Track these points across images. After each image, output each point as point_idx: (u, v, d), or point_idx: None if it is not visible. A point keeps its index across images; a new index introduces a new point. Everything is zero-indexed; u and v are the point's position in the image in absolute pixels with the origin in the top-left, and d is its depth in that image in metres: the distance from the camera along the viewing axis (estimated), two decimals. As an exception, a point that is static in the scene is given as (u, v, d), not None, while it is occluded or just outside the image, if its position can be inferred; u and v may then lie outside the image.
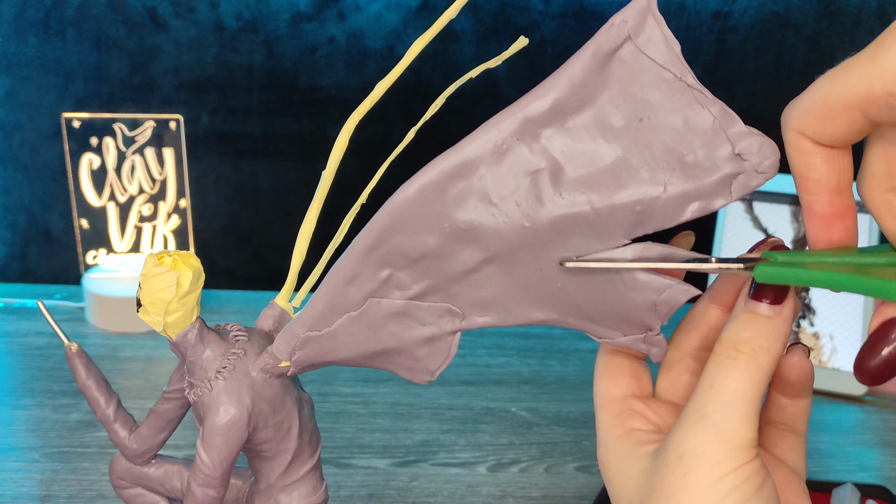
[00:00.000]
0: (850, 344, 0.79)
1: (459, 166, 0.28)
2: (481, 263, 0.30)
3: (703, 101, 0.26)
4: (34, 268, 0.98)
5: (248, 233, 0.99)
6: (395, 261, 0.30)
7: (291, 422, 0.36)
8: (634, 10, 0.26)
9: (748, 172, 0.27)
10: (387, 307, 0.31)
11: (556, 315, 0.30)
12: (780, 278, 0.27)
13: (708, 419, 0.26)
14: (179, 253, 0.34)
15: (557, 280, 0.29)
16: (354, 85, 0.92)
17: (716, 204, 0.27)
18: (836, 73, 0.25)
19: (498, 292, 0.30)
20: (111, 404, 0.40)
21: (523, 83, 0.94)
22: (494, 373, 0.80)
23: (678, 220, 0.27)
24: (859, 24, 0.92)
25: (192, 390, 0.35)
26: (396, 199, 0.29)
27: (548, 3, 0.89)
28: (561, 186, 0.28)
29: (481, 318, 0.31)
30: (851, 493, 0.58)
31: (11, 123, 0.92)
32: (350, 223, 0.37)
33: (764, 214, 0.85)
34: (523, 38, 0.34)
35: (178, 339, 0.34)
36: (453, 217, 0.29)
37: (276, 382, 0.35)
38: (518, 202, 0.28)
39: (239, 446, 0.34)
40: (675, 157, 0.27)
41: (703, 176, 0.27)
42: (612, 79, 0.27)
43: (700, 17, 0.91)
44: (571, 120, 0.28)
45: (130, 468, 0.41)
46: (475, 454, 0.66)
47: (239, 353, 0.34)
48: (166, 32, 0.89)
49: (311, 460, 0.38)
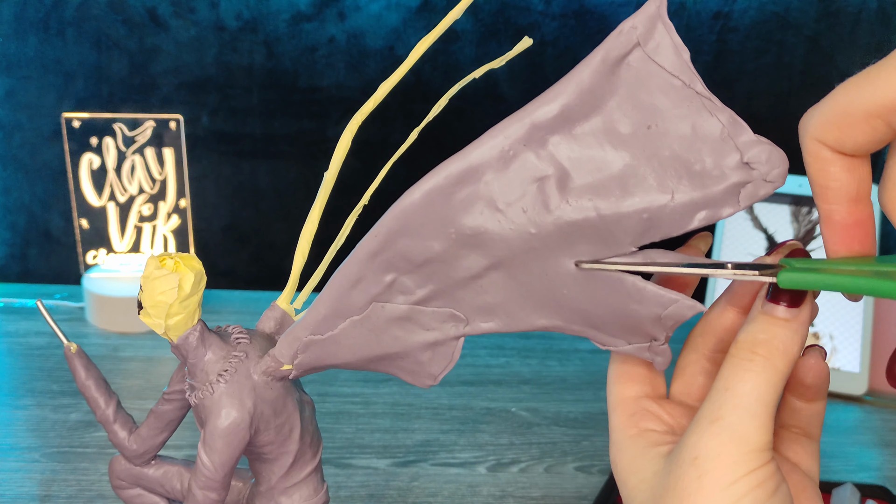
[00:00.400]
0: (850, 344, 0.79)
1: (466, 171, 0.28)
2: (486, 269, 0.29)
3: (711, 108, 0.26)
4: (34, 268, 0.98)
5: (248, 233, 0.99)
6: (400, 265, 0.30)
7: (293, 424, 0.36)
8: (644, 17, 0.26)
9: (756, 181, 0.26)
10: (390, 312, 0.31)
11: (560, 322, 0.30)
12: (804, 284, 0.27)
13: (723, 421, 0.26)
14: (181, 255, 0.33)
15: (563, 287, 0.29)
16: (354, 85, 0.92)
17: (723, 212, 0.27)
18: (857, 81, 0.25)
19: (502, 298, 0.30)
20: (111, 405, 0.40)
21: (523, 83, 0.94)
22: (495, 373, 0.80)
23: (685, 228, 0.27)
24: (859, 24, 0.92)
25: (194, 393, 0.34)
26: (402, 204, 0.29)
27: (548, 3, 0.89)
28: (568, 193, 0.28)
29: (485, 323, 0.31)
30: (851, 493, 0.58)
31: (11, 123, 0.92)
32: (352, 224, 0.37)
33: (764, 214, 0.85)
34: (527, 38, 0.34)
35: (180, 342, 0.34)
36: (459, 222, 0.29)
37: (278, 385, 0.35)
38: (524, 208, 0.28)
39: (241, 449, 0.34)
40: (682, 164, 0.27)
41: (711, 184, 0.27)
42: (621, 85, 0.27)
43: (700, 17, 0.91)
44: (579, 126, 0.27)
45: (130, 469, 0.41)
46: (475, 454, 0.66)
47: (240, 356, 0.34)
48: (166, 32, 0.89)
49: (312, 462, 0.38)
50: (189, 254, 0.34)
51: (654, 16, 0.26)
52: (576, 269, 0.29)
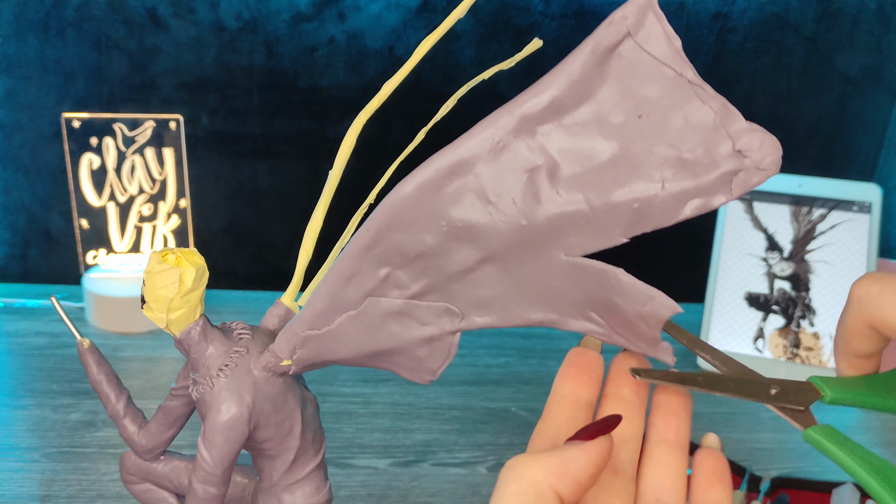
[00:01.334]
0: (849, 344, 0.79)
1: (456, 164, 0.28)
2: (479, 262, 0.29)
3: (703, 96, 0.26)
4: (34, 268, 0.98)
5: (248, 233, 0.99)
6: (394, 259, 0.30)
7: (294, 420, 0.36)
8: (635, 7, 0.26)
9: (749, 169, 0.26)
10: (386, 306, 0.31)
11: (555, 315, 0.30)
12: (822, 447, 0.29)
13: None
14: (183, 250, 0.34)
15: (555, 280, 0.29)
16: (354, 85, 0.92)
17: (715, 201, 0.27)
18: None
19: (497, 292, 0.30)
20: (121, 400, 0.40)
21: (523, 83, 0.94)
22: (494, 373, 0.80)
23: (677, 217, 0.27)
24: (858, 24, 0.92)
25: (195, 387, 0.35)
26: (393, 198, 0.29)
27: (548, 3, 0.89)
28: (558, 184, 0.28)
29: (480, 318, 0.31)
30: (851, 494, 0.58)
31: (11, 123, 0.92)
32: (357, 223, 0.37)
33: (764, 214, 0.85)
34: (538, 40, 0.34)
35: (182, 336, 0.34)
36: (450, 215, 0.28)
37: (279, 381, 0.35)
38: (515, 200, 0.28)
39: (239, 444, 0.34)
40: (674, 153, 0.27)
41: (703, 173, 0.27)
42: (611, 75, 0.27)
43: (699, 17, 0.91)
44: (569, 117, 0.27)
45: (140, 464, 0.41)
46: (475, 454, 0.66)
47: (241, 351, 0.34)
48: (166, 32, 0.89)
49: (314, 459, 0.38)
50: (191, 248, 0.34)
51: (644, 5, 0.26)
52: (567, 261, 0.28)
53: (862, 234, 0.82)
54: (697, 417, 0.72)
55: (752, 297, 0.83)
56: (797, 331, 0.81)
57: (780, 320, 0.82)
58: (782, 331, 0.82)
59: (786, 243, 0.84)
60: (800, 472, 0.64)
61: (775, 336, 0.82)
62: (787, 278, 0.83)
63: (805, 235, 0.84)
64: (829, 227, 0.83)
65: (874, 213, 0.82)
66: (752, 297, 0.83)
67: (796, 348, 0.80)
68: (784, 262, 0.83)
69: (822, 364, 0.79)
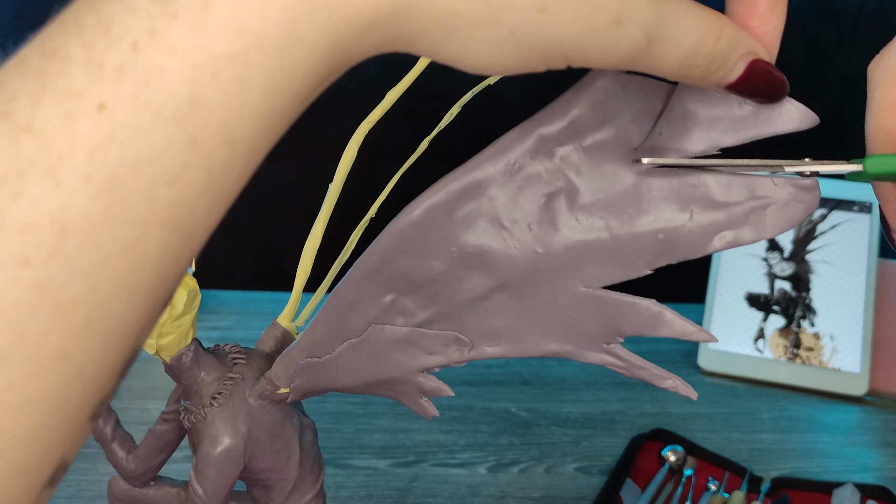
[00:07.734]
0: (850, 344, 0.79)
1: (468, 186, 0.26)
2: (491, 291, 0.28)
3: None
4: (34, 268, 0.98)
5: (247, 233, 0.99)
6: (400, 286, 0.29)
7: (291, 449, 0.34)
8: None
9: (785, 202, 0.24)
10: (390, 334, 0.30)
11: (570, 347, 0.29)
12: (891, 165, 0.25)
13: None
14: None
15: (573, 311, 0.27)
16: (354, 85, 0.92)
17: (747, 236, 0.25)
18: None
19: (509, 322, 0.29)
20: (108, 423, 0.38)
21: (524, 83, 0.94)
22: (494, 373, 0.80)
23: (705, 250, 0.25)
24: (859, 24, 0.92)
25: (187, 416, 0.33)
26: (401, 222, 0.27)
27: (548, 3, 0.89)
28: (577, 210, 0.26)
29: (491, 348, 0.29)
30: (852, 494, 0.58)
31: (11, 123, 0.92)
32: (357, 238, 0.36)
33: (764, 215, 0.85)
34: None
35: (173, 363, 0.33)
36: (461, 241, 0.27)
37: (275, 409, 0.33)
38: (531, 226, 0.26)
39: (234, 477, 0.33)
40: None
41: (735, 203, 0.25)
42: (637, 97, 0.25)
43: (700, 17, 0.91)
44: (590, 138, 0.26)
45: (129, 490, 0.39)
46: (475, 454, 0.66)
47: (236, 378, 0.33)
48: (166, 32, 0.89)
49: (313, 488, 0.36)
50: None
51: None
52: (586, 292, 0.27)
53: (862, 234, 0.82)
54: (697, 417, 0.72)
55: (753, 298, 0.83)
56: (798, 331, 0.81)
57: (780, 320, 0.82)
58: (783, 331, 0.82)
59: (786, 243, 0.84)
60: (800, 473, 0.64)
61: (776, 336, 0.82)
62: (788, 278, 0.83)
63: (805, 235, 0.84)
64: (830, 227, 0.83)
65: (874, 213, 0.82)
66: (752, 297, 0.83)
67: (797, 348, 0.80)
68: (784, 262, 0.83)
69: (822, 364, 0.79)
